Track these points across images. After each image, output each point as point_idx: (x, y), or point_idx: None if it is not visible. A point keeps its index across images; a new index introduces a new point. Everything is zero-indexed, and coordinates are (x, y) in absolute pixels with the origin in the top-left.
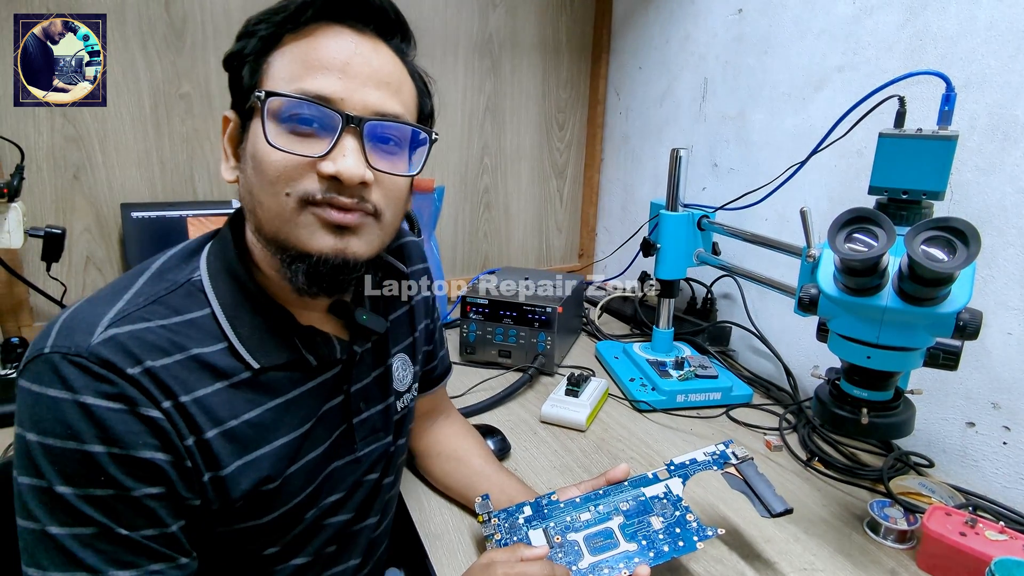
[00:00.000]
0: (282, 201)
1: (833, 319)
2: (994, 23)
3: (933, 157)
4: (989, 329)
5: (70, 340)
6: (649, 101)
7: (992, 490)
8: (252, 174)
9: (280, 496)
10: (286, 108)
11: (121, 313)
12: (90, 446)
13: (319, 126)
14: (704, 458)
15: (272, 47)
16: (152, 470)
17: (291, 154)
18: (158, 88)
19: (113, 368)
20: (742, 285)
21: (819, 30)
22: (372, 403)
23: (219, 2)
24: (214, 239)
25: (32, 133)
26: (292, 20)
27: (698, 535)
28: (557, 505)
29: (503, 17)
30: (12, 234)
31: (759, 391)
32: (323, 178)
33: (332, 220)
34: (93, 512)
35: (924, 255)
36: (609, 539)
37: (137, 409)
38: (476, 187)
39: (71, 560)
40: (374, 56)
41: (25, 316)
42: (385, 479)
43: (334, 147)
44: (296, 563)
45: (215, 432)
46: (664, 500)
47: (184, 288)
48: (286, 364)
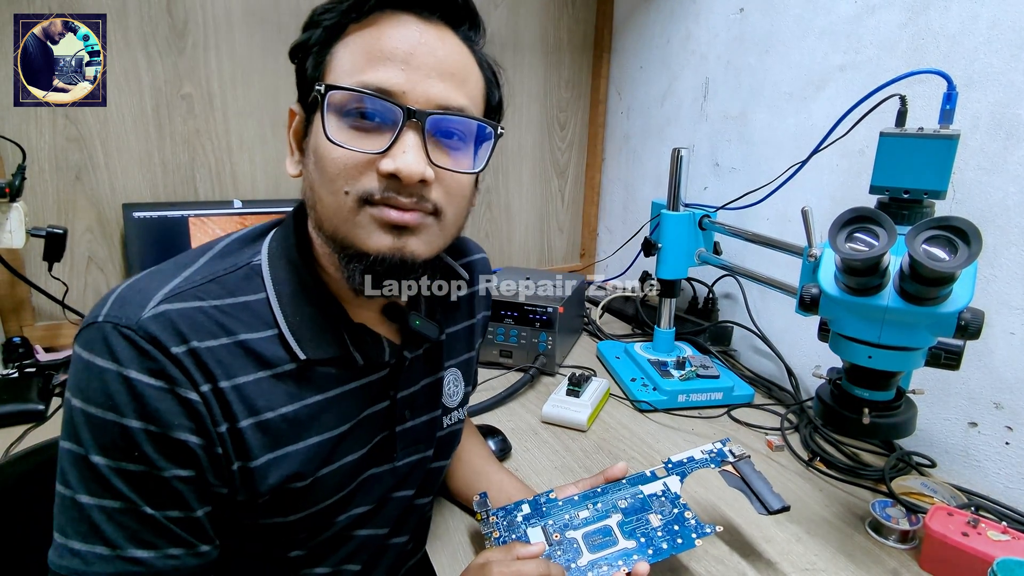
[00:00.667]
0: (341, 199)
1: (834, 319)
2: (996, 22)
3: (934, 156)
4: (991, 329)
5: (122, 311)
6: (650, 100)
7: (994, 490)
8: (313, 170)
9: (309, 496)
10: (347, 102)
11: (176, 290)
12: (128, 420)
13: (380, 120)
14: (702, 456)
15: (336, 37)
16: (185, 452)
17: (350, 150)
18: (159, 89)
19: (158, 345)
20: (743, 285)
21: (821, 29)
22: (418, 413)
23: (220, 3)
24: (279, 227)
25: (34, 133)
26: (356, 8)
27: (696, 532)
28: (555, 503)
29: (504, 16)
30: (14, 234)
31: (760, 391)
32: (382, 176)
33: (390, 220)
34: (123, 486)
35: (925, 254)
36: (608, 536)
37: (176, 389)
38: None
39: (93, 531)
40: (439, 45)
41: (27, 316)
42: (421, 498)
43: (394, 143)
44: (320, 572)
45: (250, 422)
46: (662, 498)
47: (243, 271)
48: (332, 360)
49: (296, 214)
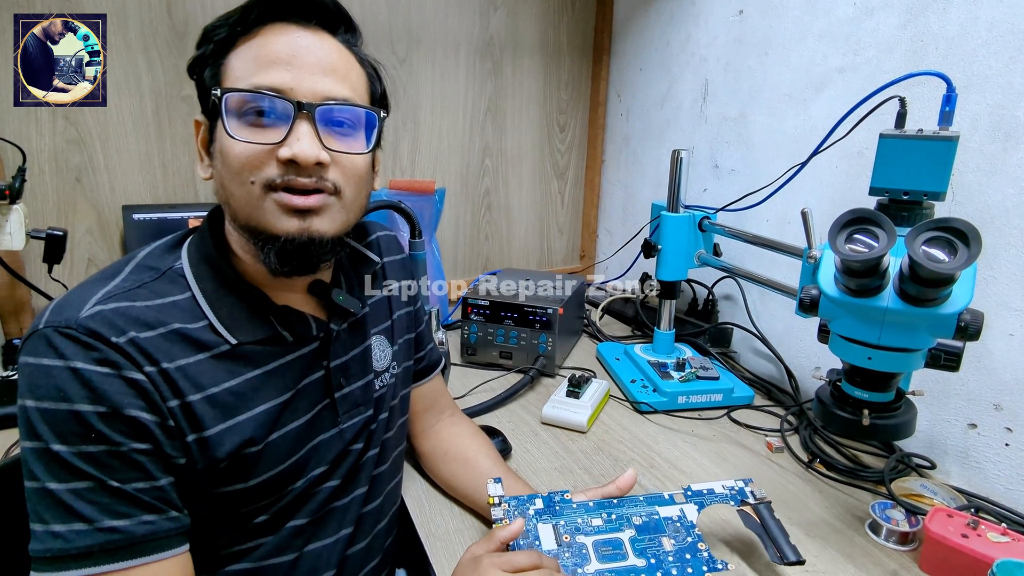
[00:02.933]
0: (248, 189)
1: (834, 320)
2: (995, 24)
3: (934, 158)
4: (991, 330)
5: (61, 316)
6: (650, 103)
7: (994, 492)
8: (221, 168)
9: (263, 460)
10: (243, 103)
11: (108, 294)
12: (80, 405)
13: (275, 116)
14: (722, 491)
15: (228, 50)
16: (138, 427)
17: (251, 143)
18: (160, 91)
19: (99, 337)
20: (743, 286)
21: (820, 31)
22: (353, 379)
23: (220, 6)
24: (194, 233)
25: (34, 135)
26: (241, 23)
27: (708, 566)
28: (569, 504)
29: (504, 19)
30: (14, 236)
31: (760, 392)
32: (281, 163)
33: (293, 205)
34: (87, 467)
35: (925, 256)
36: (618, 550)
37: (122, 372)
38: (477, 189)
39: (70, 512)
40: (319, 46)
41: (27, 318)
42: (368, 452)
43: (289, 134)
44: (288, 528)
45: (198, 396)
46: (677, 523)
47: (167, 276)
48: (263, 340)
49: (211, 218)
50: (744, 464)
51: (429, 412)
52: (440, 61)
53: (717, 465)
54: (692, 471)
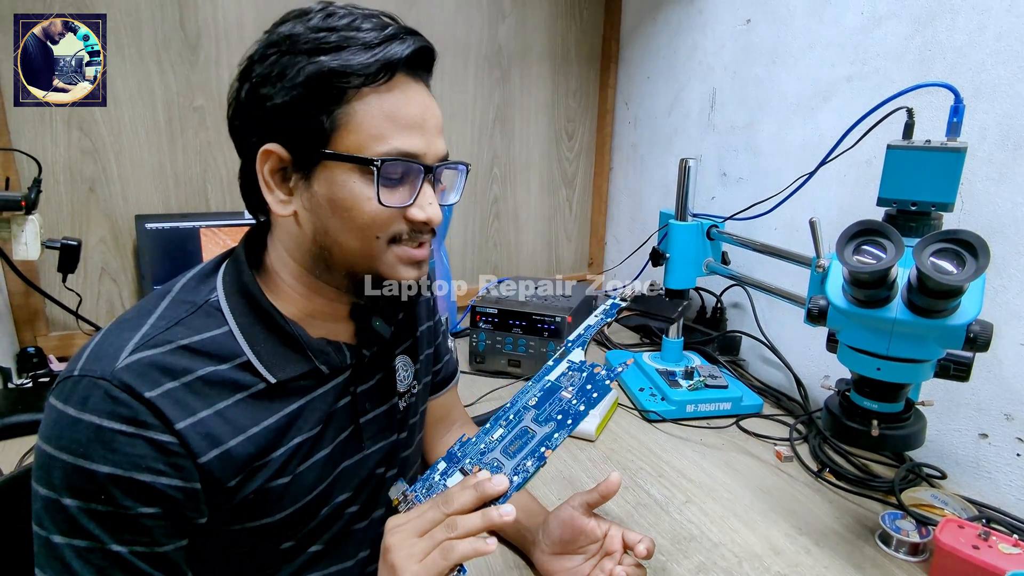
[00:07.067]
0: (372, 243)
1: (842, 330)
2: (1003, 34)
3: (942, 169)
4: (1001, 340)
5: (97, 364)
6: (658, 111)
7: (1006, 502)
8: (330, 218)
9: (289, 493)
10: (386, 168)
11: (145, 337)
12: (97, 466)
13: (408, 179)
14: (597, 318)
15: (350, 96)
16: (152, 492)
17: (387, 207)
18: (172, 101)
19: (132, 392)
20: (752, 295)
21: (827, 41)
22: (377, 404)
23: (232, 18)
24: (228, 260)
25: (49, 146)
26: (385, 73)
27: (609, 377)
28: (469, 442)
29: (512, 28)
30: (29, 246)
31: (769, 401)
32: (409, 221)
33: (418, 259)
34: (91, 526)
35: (933, 267)
36: (525, 436)
37: (149, 433)
38: (486, 196)
39: (65, 568)
40: (435, 108)
41: (41, 326)
42: (388, 472)
43: (418, 195)
44: (309, 553)
45: (238, 440)
46: (569, 373)
47: (203, 309)
48: (299, 376)
49: (246, 244)
50: (753, 473)
51: (442, 423)
52: (449, 70)
53: (726, 474)
54: (700, 480)
